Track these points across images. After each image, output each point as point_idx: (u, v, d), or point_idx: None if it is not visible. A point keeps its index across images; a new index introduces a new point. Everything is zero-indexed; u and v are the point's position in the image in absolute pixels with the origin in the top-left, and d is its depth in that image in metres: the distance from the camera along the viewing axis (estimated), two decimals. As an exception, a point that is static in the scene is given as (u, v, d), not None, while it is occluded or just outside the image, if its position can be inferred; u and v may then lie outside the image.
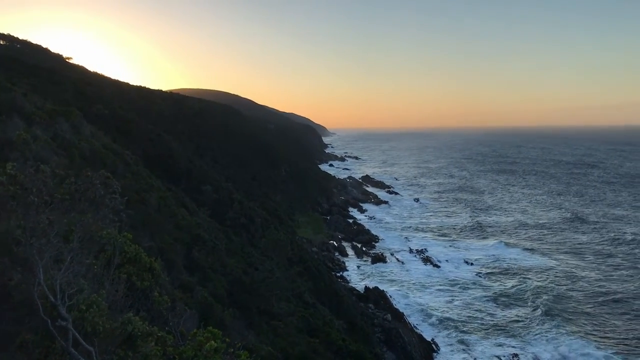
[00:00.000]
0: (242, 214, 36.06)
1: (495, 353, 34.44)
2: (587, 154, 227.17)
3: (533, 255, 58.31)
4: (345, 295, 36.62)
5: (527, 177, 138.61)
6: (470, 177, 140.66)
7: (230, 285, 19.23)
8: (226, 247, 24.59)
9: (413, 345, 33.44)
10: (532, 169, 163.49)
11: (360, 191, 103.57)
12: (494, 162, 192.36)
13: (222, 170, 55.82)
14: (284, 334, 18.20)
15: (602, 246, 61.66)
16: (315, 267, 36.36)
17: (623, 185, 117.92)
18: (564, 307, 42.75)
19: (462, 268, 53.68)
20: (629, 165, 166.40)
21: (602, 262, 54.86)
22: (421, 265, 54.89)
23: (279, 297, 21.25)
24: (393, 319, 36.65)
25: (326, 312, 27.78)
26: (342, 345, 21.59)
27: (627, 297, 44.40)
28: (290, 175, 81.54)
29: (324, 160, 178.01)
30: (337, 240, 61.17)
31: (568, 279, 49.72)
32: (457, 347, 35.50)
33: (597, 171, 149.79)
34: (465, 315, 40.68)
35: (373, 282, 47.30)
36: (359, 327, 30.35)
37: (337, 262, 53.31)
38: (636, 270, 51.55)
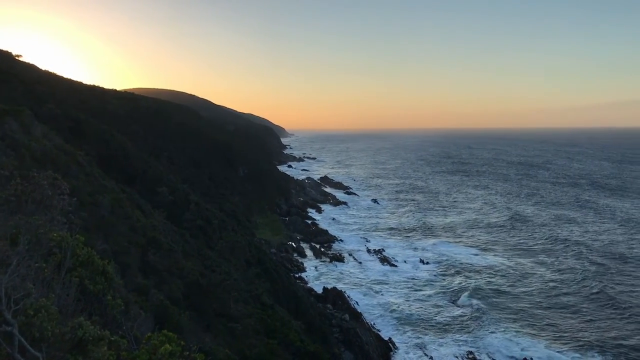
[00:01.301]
0: (199, 216, 35.62)
1: (451, 351, 35.06)
2: (538, 155, 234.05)
3: (486, 255, 59.67)
4: (303, 296, 36.63)
5: (480, 178, 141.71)
6: (425, 178, 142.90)
7: (187, 288, 18.98)
8: (183, 250, 24.25)
9: (370, 345, 33.71)
10: (485, 169, 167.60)
11: (319, 192, 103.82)
12: (449, 163, 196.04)
13: (179, 172, 55.05)
14: (241, 336, 18.07)
15: (552, 245, 63.57)
16: (273, 269, 36.25)
17: (570, 185, 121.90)
18: (515, 305, 43.89)
19: (418, 267, 54.46)
20: (576, 166, 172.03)
21: (552, 261, 56.54)
22: (379, 265, 55.41)
23: (237, 299, 21.09)
24: (351, 318, 36.86)
25: (284, 313, 27.72)
26: (300, 346, 21.59)
27: (574, 295, 45.88)
28: (249, 176, 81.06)
29: (283, 162, 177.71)
30: (295, 241, 61.14)
31: (519, 277, 51.04)
32: (413, 345, 35.97)
33: (546, 172, 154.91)
34: (421, 314, 41.28)
35: (331, 282, 47.49)
36: (317, 327, 30.42)
37: (296, 263, 53.29)
38: (582, 269, 53.29)
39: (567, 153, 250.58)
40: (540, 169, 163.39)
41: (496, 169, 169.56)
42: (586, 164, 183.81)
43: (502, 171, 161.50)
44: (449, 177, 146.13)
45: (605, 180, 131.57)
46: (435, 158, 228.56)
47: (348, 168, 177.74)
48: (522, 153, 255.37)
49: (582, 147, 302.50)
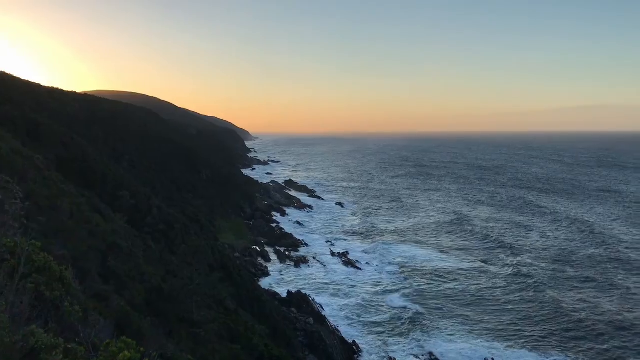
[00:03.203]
0: (160, 220, 35.11)
1: (414, 352, 35.44)
2: (495, 159, 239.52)
3: (449, 257, 60.58)
4: (267, 300, 36.48)
5: (441, 181, 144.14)
6: (389, 181, 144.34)
7: (149, 294, 18.69)
8: (144, 255, 23.86)
9: (335, 348, 33.80)
10: (445, 172, 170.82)
11: (284, 195, 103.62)
12: (411, 166, 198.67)
13: (140, 175, 54.19)
14: (204, 342, 17.89)
15: (512, 246, 64.93)
16: (237, 273, 36.00)
17: (525, 188, 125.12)
18: (477, 307, 44.68)
19: (382, 270, 54.88)
20: (531, 170, 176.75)
21: (512, 264, 57.68)
22: (343, 267, 55.63)
23: (200, 304, 20.87)
24: (315, 322, 36.87)
25: (248, 317, 27.56)
26: (264, 351, 21.49)
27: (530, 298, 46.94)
28: (212, 180, 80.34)
29: (247, 165, 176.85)
30: (260, 245, 60.87)
31: (481, 279, 51.98)
32: (378, 347, 36.21)
33: (502, 175, 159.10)
34: (385, 316, 41.62)
35: (296, 286, 47.46)
36: (282, 331, 30.33)
37: (260, 267, 53.07)
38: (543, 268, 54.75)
39: (522, 156, 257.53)
40: (497, 172, 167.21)
41: (456, 171, 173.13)
42: (540, 167, 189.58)
43: (462, 173, 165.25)
44: (412, 180, 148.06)
45: (557, 182, 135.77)
46: (399, 161, 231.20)
47: (313, 171, 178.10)
48: (480, 156, 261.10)
49: (536, 151, 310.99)
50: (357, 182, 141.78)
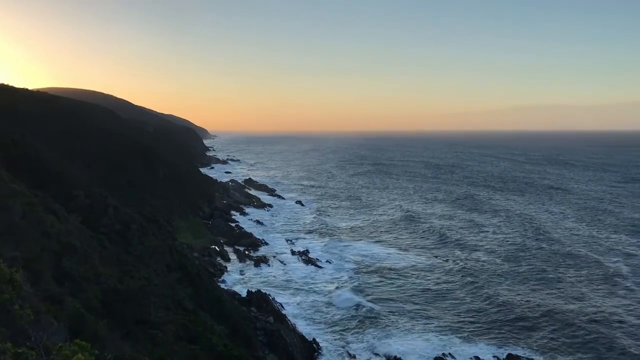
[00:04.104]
0: (117, 220, 34.45)
1: (373, 349, 35.82)
2: (452, 157, 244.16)
3: (407, 254, 61.42)
4: (227, 300, 36.24)
5: (400, 179, 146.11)
6: (348, 179, 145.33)
7: (105, 295, 18.33)
8: (100, 255, 23.39)
9: (295, 347, 33.84)
10: (403, 171, 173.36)
11: (243, 194, 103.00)
12: (371, 165, 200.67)
13: (96, 175, 53.02)
14: (162, 343, 17.66)
15: (465, 242, 66.35)
16: (196, 273, 35.63)
17: (482, 186, 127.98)
18: (433, 303, 45.49)
19: (342, 268, 55.22)
20: (488, 169, 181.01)
21: (466, 260, 58.92)
22: (303, 266, 55.72)
23: (157, 305, 20.59)
24: (275, 321, 36.83)
25: (207, 318, 27.32)
26: (223, 351, 21.35)
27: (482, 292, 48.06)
28: (170, 179, 79.15)
29: (206, 164, 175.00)
30: (219, 245, 60.36)
31: (436, 276, 52.91)
32: (337, 345, 36.47)
33: (461, 173, 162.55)
34: (344, 314, 41.92)
35: (256, 285, 47.30)
36: (241, 331, 30.20)
37: (219, 267, 52.64)
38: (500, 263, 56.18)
39: (477, 155, 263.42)
40: (452, 171, 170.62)
41: (413, 170, 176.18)
42: (493, 165, 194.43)
43: (418, 171, 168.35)
44: (371, 178, 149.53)
45: (509, 180, 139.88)
46: (358, 160, 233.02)
47: (272, 170, 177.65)
48: (436, 155, 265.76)
49: (490, 150, 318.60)
50: (317, 181, 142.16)
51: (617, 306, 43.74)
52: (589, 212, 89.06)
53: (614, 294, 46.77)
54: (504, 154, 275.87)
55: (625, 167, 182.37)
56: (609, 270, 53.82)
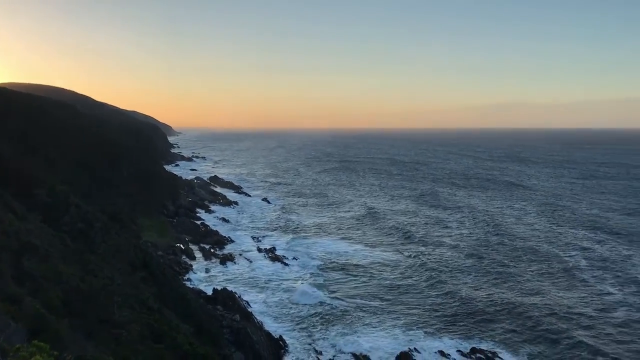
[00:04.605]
0: (79, 219, 33.76)
1: (339, 345, 36.06)
2: (419, 154, 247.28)
3: (372, 250, 62.00)
4: (192, 298, 35.94)
5: (366, 176, 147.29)
6: (315, 177, 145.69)
7: (66, 295, 17.98)
8: (61, 254, 22.92)
9: (261, 344, 33.83)
10: (369, 167, 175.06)
11: (209, 192, 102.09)
12: (337, 162, 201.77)
13: (58, 172, 51.84)
14: (126, 342, 17.44)
15: (430, 239, 67.33)
16: (160, 272, 35.22)
17: (445, 183, 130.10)
18: (399, 298, 46.04)
19: (308, 264, 55.39)
20: (451, 166, 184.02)
21: (431, 256, 59.79)
22: (270, 263, 55.67)
23: (121, 304, 20.30)
24: (242, 318, 36.70)
25: (173, 316, 27.06)
26: (189, 349, 21.18)
27: (446, 287, 48.88)
28: (134, 176, 77.94)
29: (170, 161, 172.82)
30: (184, 243, 59.75)
31: (402, 271, 53.54)
32: (304, 342, 36.60)
33: (425, 170, 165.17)
34: (310, 311, 42.08)
35: (222, 283, 47.05)
36: (207, 329, 30.01)
37: (184, 265, 52.14)
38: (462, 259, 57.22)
39: (441, 152, 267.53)
40: (416, 168, 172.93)
41: (378, 167, 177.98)
42: (456, 163, 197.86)
43: (384, 169, 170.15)
44: (337, 175, 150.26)
45: (471, 177, 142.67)
46: (324, 157, 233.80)
47: (238, 167, 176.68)
48: (402, 152, 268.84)
49: (453, 147, 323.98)
50: (283, 178, 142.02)
51: (575, 299, 45.06)
52: (549, 207, 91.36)
53: (573, 288, 48.16)
54: (468, 151, 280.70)
55: (584, 164, 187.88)
56: (567, 264, 55.37)
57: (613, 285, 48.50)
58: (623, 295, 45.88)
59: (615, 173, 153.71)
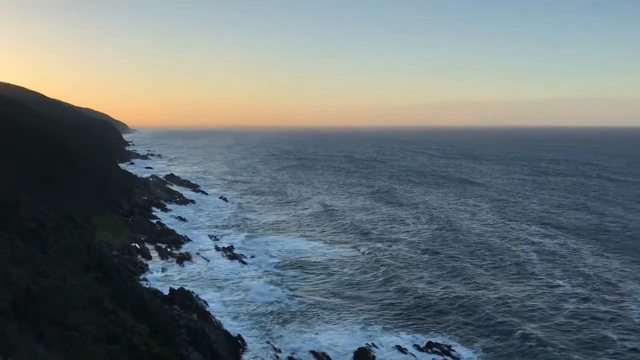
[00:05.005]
0: (30, 219, 32.81)
1: (297, 343, 36.18)
2: (376, 152, 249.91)
3: (331, 247, 62.39)
4: (148, 298, 35.40)
5: (324, 173, 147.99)
6: (273, 174, 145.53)
7: (16, 297, 17.51)
8: (11, 255, 22.25)
9: (220, 343, 33.61)
10: (329, 165, 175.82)
11: (165, 190, 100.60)
12: (296, 159, 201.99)
13: (7, 171, 50.18)
14: (80, 344, 17.10)
15: (387, 235, 68.23)
16: (115, 272, 34.54)
17: (401, 180, 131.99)
18: (355, 294, 46.51)
19: (267, 262, 55.32)
20: (406, 163, 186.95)
21: (388, 252, 60.55)
22: (228, 262, 55.32)
23: (74, 305, 19.88)
24: (199, 318, 36.37)
25: (128, 317, 26.62)
26: (145, 350, 20.90)
27: (402, 283, 49.67)
28: (87, 174, 76.07)
29: (125, 159, 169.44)
30: (139, 243, 58.75)
31: (359, 267, 54.09)
32: (263, 341, 36.54)
33: (382, 167, 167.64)
34: (269, 309, 42.03)
35: (179, 282, 46.51)
36: (164, 329, 29.64)
37: (140, 265, 51.29)
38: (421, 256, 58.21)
39: (397, 150, 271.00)
40: (373, 166, 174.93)
41: (336, 164, 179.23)
42: (412, 160, 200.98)
43: (342, 166, 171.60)
44: (296, 173, 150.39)
45: (427, 175, 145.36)
46: (282, 154, 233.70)
47: (195, 165, 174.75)
48: (359, 150, 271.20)
49: (409, 145, 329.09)
50: (241, 176, 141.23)
51: (527, 292, 46.45)
52: (501, 203, 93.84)
53: (524, 281, 49.62)
54: (423, 148, 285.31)
55: (534, 161, 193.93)
56: (519, 258, 57.02)
57: (562, 278, 50.17)
58: (572, 287, 47.54)
59: (564, 169, 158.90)
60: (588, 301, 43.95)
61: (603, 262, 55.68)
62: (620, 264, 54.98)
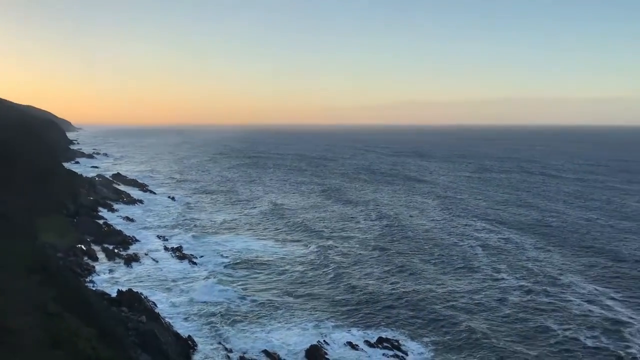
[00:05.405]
0: (-33, 221, 31.51)
1: (248, 343, 36.06)
2: (328, 150, 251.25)
3: (282, 246, 62.43)
4: (95, 301, 34.59)
5: (275, 172, 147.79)
6: (224, 173, 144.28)
7: (-47, 303, 16.84)
8: (-53, 260, 21.34)
9: (170, 345, 33.16)
10: (281, 163, 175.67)
11: (112, 190, 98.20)
12: (248, 157, 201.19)
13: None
14: (22, 350, 16.60)
15: (338, 233, 68.82)
16: (60, 274, 33.57)
17: (352, 178, 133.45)
18: (307, 292, 46.73)
19: (217, 262, 54.86)
20: (359, 161, 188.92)
21: (338, 249, 61.07)
22: (177, 262, 54.55)
23: (16, 309, 19.26)
24: (149, 320, 35.78)
25: (74, 320, 25.95)
26: (91, 354, 20.46)
27: (350, 280, 50.28)
28: (29, 174, 73.42)
29: (70, 158, 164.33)
30: (85, 244, 57.22)
31: (310, 266, 54.36)
32: (214, 341, 36.24)
33: (333, 165, 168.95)
34: (220, 309, 41.71)
35: (127, 284, 45.54)
36: (111, 332, 29.02)
37: (87, 267, 49.98)
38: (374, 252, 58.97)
39: (350, 148, 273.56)
40: (324, 164, 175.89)
41: (288, 163, 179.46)
42: (362, 159, 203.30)
43: (293, 165, 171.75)
44: (246, 171, 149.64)
45: (377, 173, 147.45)
46: (233, 153, 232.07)
47: (143, 164, 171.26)
48: (311, 148, 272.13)
49: (361, 143, 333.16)
50: (190, 175, 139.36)
51: (473, 286, 47.79)
52: (448, 200, 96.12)
53: (471, 275, 51.02)
54: (374, 147, 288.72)
55: (477, 158, 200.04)
56: (466, 253, 58.59)
57: (506, 271, 51.85)
58: (515, 280, 49.21)
59: (508, 167, 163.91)
60: (531, 293, 45.63)
61: (545, 255, 57.87)
62: (560, 257, 57.28)
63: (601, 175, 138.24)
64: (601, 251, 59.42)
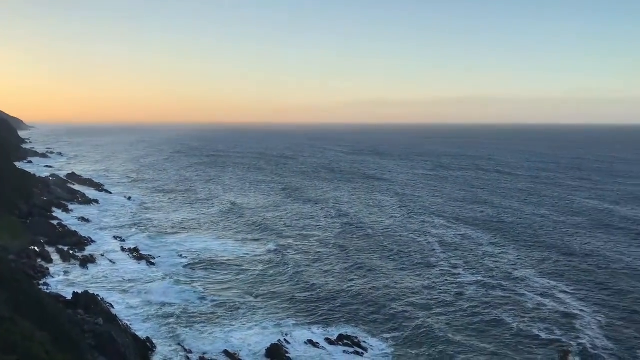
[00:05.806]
0: None
1: (208, 344, 35.84)
2: (287, 148, 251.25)
3: (242, 245, 62.21)
4: (50, 304, 33.77)
5: (235, 171, 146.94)
6: (182, 172, 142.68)
7: None
8: None
9: (127, 347, 32.66)
10: (241, 162, 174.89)
11: (66, 190, 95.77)
12: (206, 156, 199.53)
13: None
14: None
15: (299, 232, 69.03)
16: (12, 277, 32.66)
17: (311, 177, 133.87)
18: (267, 291, 46.76)
19: (175, 262, 54.29)
20: (318, 160, 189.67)
21: (299, 247, 61.32)
22: (134, 263, 53.70)
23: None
24: (106, 322, 35.16)
25: (27, 325, 25.33)
26: (46, 358, 20.07)
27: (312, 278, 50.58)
28: (-23, 175, 70.98)
29: (22, 157, 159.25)
30: (39, 245, 55.66)
31: (270, 264, 54.38)
32: (173, 342, 35.88)
33: (293, 163, 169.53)
34: (179, 310, 41.32)
35: (83, 286, 44.53)
36: (66, 336, 28.44)
37: (40, 269, 48.63)
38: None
39: (308, 147, 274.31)
40: (285, 163, 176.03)
41: (248, 161, 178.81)
42: (323, 157, 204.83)
43: (253, 163, 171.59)
44: (204, 170, 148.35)
45: (336, 170, 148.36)
46: (191, 151, 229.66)
47: (98, 163, 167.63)
48: (270, 146, 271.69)
49: (321, 141, 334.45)
50: (147, 174, 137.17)
51: (431, 281, 48.74)
52: (406, 198, 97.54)
53: (429, 271, 51.98)
54: (333, 145, 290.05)
55: (435, 156, 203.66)
56: (424, 250, 59.67)
57: (463, 267, 53.06)
58: (471, 275, 50.42)
59: (465, 165, 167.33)
60: (486, 287, 46.85)
61: (500, 251, 59.43)
62: (515, 252, 58.94)
63: (553, 172, 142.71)
64: (553, 246, 61.41)
